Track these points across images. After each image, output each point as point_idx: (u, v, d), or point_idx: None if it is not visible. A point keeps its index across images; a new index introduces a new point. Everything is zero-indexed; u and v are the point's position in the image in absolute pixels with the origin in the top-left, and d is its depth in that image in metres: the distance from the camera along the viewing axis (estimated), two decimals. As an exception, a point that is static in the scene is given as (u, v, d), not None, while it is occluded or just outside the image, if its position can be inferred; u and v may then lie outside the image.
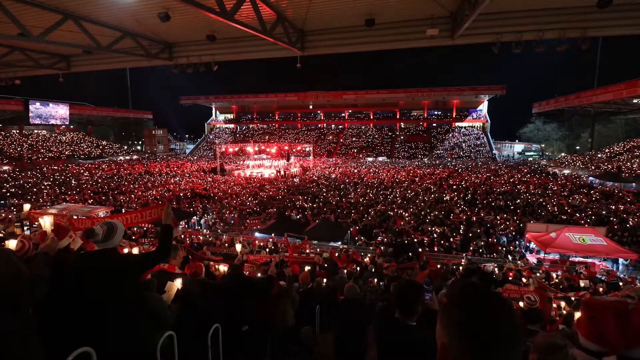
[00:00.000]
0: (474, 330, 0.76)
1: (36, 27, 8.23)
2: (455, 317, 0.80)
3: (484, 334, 0.76)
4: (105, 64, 12.62)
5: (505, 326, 0.76)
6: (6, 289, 1.48)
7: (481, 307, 0.79)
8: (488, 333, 0.76)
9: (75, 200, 18.60)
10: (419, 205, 17.12)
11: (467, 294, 0.82)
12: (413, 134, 52.75)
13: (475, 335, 0.76)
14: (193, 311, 2.68)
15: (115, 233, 2.09)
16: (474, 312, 0.78)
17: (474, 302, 0.80)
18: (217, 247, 10.77)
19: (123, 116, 58.23)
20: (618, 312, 1.05)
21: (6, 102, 39.25)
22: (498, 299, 0.81)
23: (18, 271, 1.53)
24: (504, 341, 0.76)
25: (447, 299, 0.84)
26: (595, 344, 1.08)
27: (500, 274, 7.82)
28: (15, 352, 1.49)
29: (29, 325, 1.60)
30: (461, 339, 0.78)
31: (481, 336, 0.76)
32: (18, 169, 31.67)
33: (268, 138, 55.19)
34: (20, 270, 1.55)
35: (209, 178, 29.37)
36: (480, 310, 0.78)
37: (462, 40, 9.30)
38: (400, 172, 30.24)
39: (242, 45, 10.89)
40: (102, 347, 1.79)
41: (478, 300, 0.80)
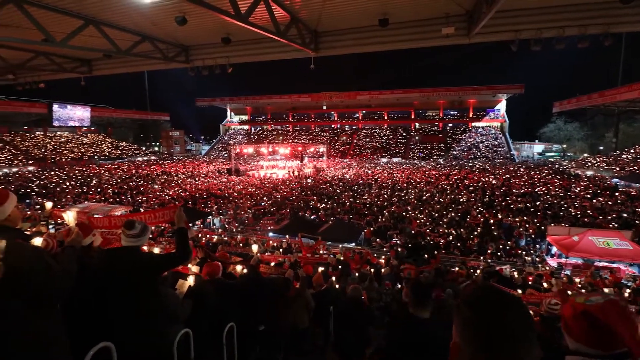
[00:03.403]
0: (484, 330, 0.78)
1: (59, 32, 8.53)
2: (466, 316, 0.82)
3: (493, 334, 0.77)
4: (125, 68, 12.97)
5: (515, 326, 0.77)
6: (37, 285, 1.54)
7: (491, 308, 0.80)
8: (498, 333, 0.77)
9: (96, 199, 19.19)
10: (435, 207, 16.90)
11: (478, 294, 0.84)
12: (428, 134, 52.06)
13: (485, 335, 0.77)
14: (206, 310, 2.74)
15: (146, 232, 2.20)
16: (484, 312, 0.80)
17: (484, 303, 0.81)
18: (231, 246, 10.91)
19: (141, 118, 59.73)
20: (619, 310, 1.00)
21: (31, 105, 40.84)
22: (509, 299, 0.82)
23: (49, 267, 1.60)
24: (514, 341, 0.76)
25: (460, 300, 0.86)
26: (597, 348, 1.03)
27: (520, 278, 7.64)
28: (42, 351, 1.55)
29: (57, 323, 1.67)
30: (472, 338, 0.79)
31: (491, 336, 0.77)
32: (42, 169, 32.89)
33: (282, 139, 55.52)
34: (51, 267, 1.62)
35: (224, 178, 29.79)
36: (490, 310, 0.80)
37: (479, 39, 9.14)
38: (415, 173, 29.91)
39: (256, 47, 11.01)
40: (123, 342, 1.85)
41: (488, 300, 0.81)
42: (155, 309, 2.13)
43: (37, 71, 13.14)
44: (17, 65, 12.30)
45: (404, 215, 15.46)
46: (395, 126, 55.24)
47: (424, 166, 37.03)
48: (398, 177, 27.56)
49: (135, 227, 2.14)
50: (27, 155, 37.93)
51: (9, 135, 40.95)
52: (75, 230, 1.98)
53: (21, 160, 36.09)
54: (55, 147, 42.31)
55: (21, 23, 7.87)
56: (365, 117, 58.13)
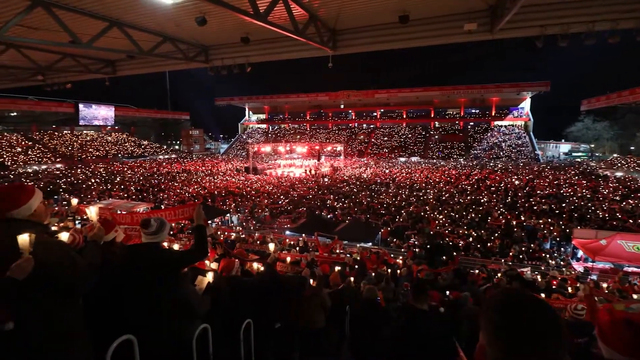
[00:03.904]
0: (512, 334, 0.77)
1: (85, 34, 8.85)
2: (494, 320, 0.81)
3: (522, 339, 0.76)
4: (147, 68, 13.32)
5: (544, 332, 0.75)
6: (62, 278, 1.61)
7: (520, 312, 0.79)
8: (526, 338, 0.76)
9: (119, 196, 19.82)
10: (454, 207, 16.59)
11: (507, 298, 0.83)
12: (448, 133, 51.07)
13: (513, 339, 0.77)
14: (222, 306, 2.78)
15: (164, 229, 2.25)
16: (513, 316, 0.79)
17: (513, 307, 0.81)
18: (249, 244, 11.05)
19: (163, 117, 61.45)
20: None
21: (59, 104, 42.66)
22: (538, 304, 0.81)
23: (73, 261, 1.67)
24: (542, 347, 0.75)
25: (487, 303, 0.86)
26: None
27: (543, 281, 7.40)
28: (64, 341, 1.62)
29: (79, 315, 1.74)
30: (499, 342, 0.79)
31: (519, 341, 0.77)
32: (69, 167, 34.26)
33: (299, 138, 55.74)
34: (75, 261, 1.68)
35: (242, 177, 30.20)
36: (519, 314, 0.79)
37: (503, 35, 8.87)
38: (435, 173, 29.43)
39: (275, 46, 11.08)
40: (144, 336, 1.90)
41: (517, 305, 0.81)
42: (174, 304, 2.18)
43: (64, 72, 13.66)
44: (45, 67, 12.84)
45: (422, 216, 15.24)
46: (414, 125, 54.47)
47: (443, 166, 36.40)
48: (416, 177, 27.21)
49: (152, 225, 2.19)
50: (55, 153, 39.60)
51: (38, 134, 42.88)
52: (97, 225, 2.05)
53: (50, 158, 37.71)
54: (81, 145, 43.99)
55: (49, 26, 8.20)
56: (383, 115, 57.62)
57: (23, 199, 1.70)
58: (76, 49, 10.79)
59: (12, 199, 1.68)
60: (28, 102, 40.03)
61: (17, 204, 1.68)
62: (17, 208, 1.67)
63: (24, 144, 39.11)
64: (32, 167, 33.62)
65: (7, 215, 1.64)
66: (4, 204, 1.65)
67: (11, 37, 8.38)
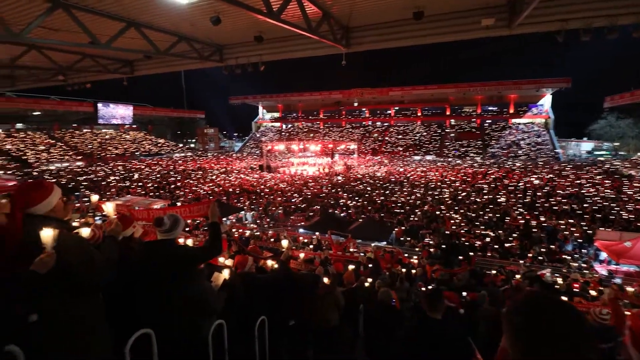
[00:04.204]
0: (536, 338, 0.75)
1: (104, 35, 9.07)
2: (517, 324, 0.80)
3: (547, 343, 0.74)
4: (164, 68, 13.56)
5: (571, 336, 0.73)
6: (80, 273, 1.65)
7: (545, 316, 0.77)
8: (552, 342, 0.74)
9: (137, 193, 20.30)
10: (471, 207, 16.31)
11: (532, 301, 0.82)
12: (464, 131, 50.13)
13: (539, 343, 0.75)
14: (237, 302, 2.81)
15: (178, 225, 2.28)
16: (537, 320, 0.77)
17: (538, 310, 0.79)
18: (263, 241, 11.14)
19: (179, 116, 62.54)
20: None
21: (79, 104, 43.92)
22: (565, 307, 0.79)
23: (91, 257, 1.71)
24: (569, 352, 0.73)
25: (510, 306, 0.84)
26: None
27: (564, 284, 7.19)
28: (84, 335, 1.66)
29: (98, 310, 1.78)
30: (523, 346, 0.78)
31: (544, 345, 0.74)
32: (89, 165, 35.28)
33: (313, 136, 55.79)
34: (93, 256, 1.73)
35: (256, 175, 30.46)
36: (544, 318, 0.77)
37: (521, 30, 8.64)
38: (450, 172, 29.00)
39: (288, 44, 11.11)
40: (160, 330, 1.94)
41: (542, 308, 0.79)
42: (190, 300, 2.21)
43: (84, 72, 14.05)
44: (66, 67, 13.22)
45: (437, 215, 15.05)
46: (429, 123, 53.72)
47: (459, 164, 35.81)
48: (432, 176, 26.88)
49: (164, 223, 2.22)
50: (76, 151, 40.84)
51: (60, 133, 44.29)
52: (115, 221, 2.09)
53: (71, 156, 38.92)
54: (101, 144, 45.24)
55: (69, 27, 8.44)
56: (397, 113, 57.03)
57: (42, 195, 1.75)
58: (95, 49, 11.07)
59: (32, 196, 1.73)
60: (50, 102, 41.35)
61: (37, 201, 1.73)
62: (36, 204, 1.72)
63: (46, 142, 40.49)
64: (54, 165, 34.78)
65: (27, 211, 1.69)
66: (24, 201, 1.70)
67: (33, 38, 8.65)
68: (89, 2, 7.80)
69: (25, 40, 8.72)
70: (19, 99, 37.32)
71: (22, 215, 1.66)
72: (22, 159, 34.73)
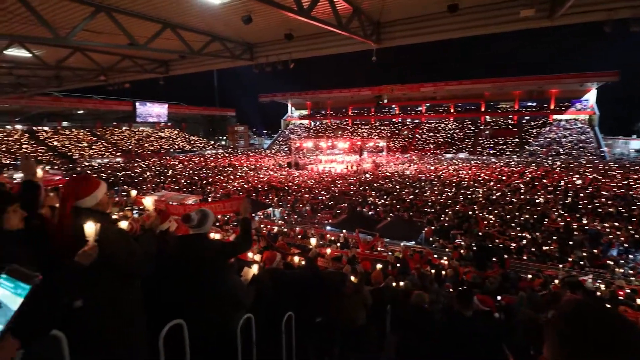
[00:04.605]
0: (585, 350, 0.71)
1: (141, 36, 9.48)
2: (562, 333, 0.76)
3: (583, 349, 0.71)
4: (197, 67, 14.00)
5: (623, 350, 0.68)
6: (122, 263, 1.76)
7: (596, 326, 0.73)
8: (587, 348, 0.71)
9: (171, 188, 21.17)
10: (506, 207, 15.67)
11: (581, 310, 0.77)
12: (500, 128, 48.07)
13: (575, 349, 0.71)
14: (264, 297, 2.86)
15: (207, 220, 2.35)
16: (587, 330, 0.73)
17: (588, 320, 0.74)
18: (290, 238, 11.28)
19: (210, 114, 64.68)
20: None
21: (119, 103, 46.36)
22: (618, 319, 0.74)
23: (131, 248, 1.81)
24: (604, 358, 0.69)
25: (555, 314, 0.80)
26: None
27: (607, 291, 6.76)
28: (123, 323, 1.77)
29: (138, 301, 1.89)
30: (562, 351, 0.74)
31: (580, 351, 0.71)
32: (128, 161, 37.22)
33: (341, 133, 55.65)
34: (133, 248, 1.83)
35: (284, 172, 30.85)
36: (582, 323, 0.73)
37: (564, 20, 8.11)
38: (484, 170, 28.00)
39: (318, 41, 11.10)
40: (192, 322, 2.02)
41: (593, 318, 0.74)
42: (221, 293, 2.28)
43: (124, 73, 14.77)
44: (107, 68, 13.98)
45: (469, 215, 14.59)
46: (463, 119, 51.99)
47: (494, 163, 34.49)
48: (464, 174, 26.09)
49: (192, 219, 2.29)
50: (116, 147, 43.22)
51: (101, 130, 47.05)
52: (154, 215, 2.19)
53: (111, 152, 41.26)
54: (138, 141, 47.58)
55: (110, 30, 8.89)
56: (429, 110, 55.67)
57: (90, 189, 1.86)
58: (133, 50, 11.60)
59: (81, 189, 1.84)
60: (93, 101, 43.93)
61: (85, 194, 1.83)
62: (84, 197, 1.83)
63: (89, 139, 43.14)
64: (96, 161, 36.99)
65: (75, 204, 1.80)
66: (74, 194, 1.82)
67: (78, 41, 9.21)
68: (128, 5, 8.19)
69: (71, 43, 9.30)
70: (64, 98, 39.98)
71: (71, 208, 1.78)
72: (68, 155, 37.21)
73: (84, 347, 1.57)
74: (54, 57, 12.35)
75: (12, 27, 8.68)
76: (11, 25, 8.52)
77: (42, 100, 37.38)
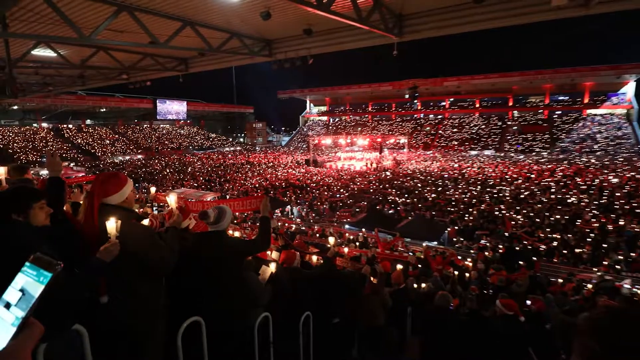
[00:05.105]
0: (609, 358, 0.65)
1: (162, 35, 9.72)
2: (593, 342, 0.68)
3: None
4: (216, 64, 14.23)
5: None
6: (147, 260, 1.81)
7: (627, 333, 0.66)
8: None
9: (190, 185, 21.67)
10: (535, 207, 15.17)
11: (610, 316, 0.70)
12: (529, 123, 46.48)
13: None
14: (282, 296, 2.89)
15: (224, 217, 2.37)
16: (616, 337, 0.67)
17: (618, 326, 0.68)
18: (308, 236, 11.32)
19: (229, 111, 65.69)
20: None
21: (140, 101, 47.79)
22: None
23: (157, 245, 1.86)
24: None
25: (587, 323, 0.72)
26: None
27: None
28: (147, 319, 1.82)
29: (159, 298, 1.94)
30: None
31: None
32: (148, 158, 38.38)
33: (361, 130, 55.32)
34: (158, 244, 1.88)
35: (302, 169, 30.98)
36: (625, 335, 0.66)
37: (601, 9, 7.71)
38: (512, 168, 27.20)
39: (337, 36, 11.04)
40: (209, 319, 2.06)
41: (624, 324, 0.68)
42: (238, 291, 2.32)
43: (145, 71, 15.20)
44: (129, 66, 14.42)
45: (495, 215, 14.22)
46: (489, 115, 50.65)
47: (523, 160, 33.44)
48: (490, 172, 25.47)
49: (209, 215, 2.31)
50: (137, 145, 44.63)
51: (123, 128, 48.69)
52: (177, 212, 2.24)
53: (132, 150, 42.64)
54: (158, 138, 48.96)
55: (132, 28, 9.17)
56: (452, 105, 54.50)
57: (118, 186, 1.90)
58: (154, 49, 11.92)
59: (109, 186, 1.88)
60: (115, 99, 45.49)
61: (113, 191, 1.88)
62: (112, 195, 1.88)
63: (111, 137, 44.73)
64: (117, 158, 38.34)
65: (102, 200, 1.85)
66: (102, 191, 1.87)
67: (101, 40, 9.54)
68: (149, 3, 8.41)
69: (94, 42, 9.64)
70: (88, 97, 41.57)
71: (99, 205, 1.83)
72: (91, 152, 38.71)
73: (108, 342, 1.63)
74: (79, 57, 12.83)
75: (38, 28, 9.08)
76: (38, 26, 8.92)
77: (67, 99, 38.97)
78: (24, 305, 0.66)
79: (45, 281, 0.69)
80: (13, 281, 0.70)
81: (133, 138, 46.72)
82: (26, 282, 0.69)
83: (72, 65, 13.14)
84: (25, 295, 0.67)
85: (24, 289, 0.68)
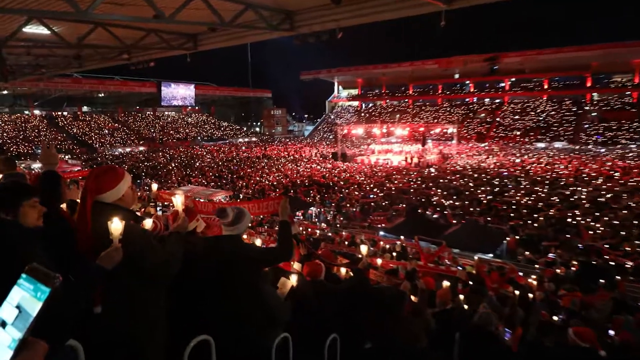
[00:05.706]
0: None
1: (168, 7, 10.00)
2: None
3: None
4: (229, 41, 14.47)
5: None
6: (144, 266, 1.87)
7: None
8: None
9: (198, 182, 22.27)
10: (619, 214, 14.57)
11: None
12: (613, 109, 44.44)
13: None
14: (306, 314, 2.90)
15: (242, 220, 2.42)
16: None
17: None
18: (335, 244, 11.34)
19: (243, 95, 66.79)
20: None
21: (142, 84, 49.59)
22: None
23: (155, 250, 1.91)
24: None
25: None
26: None
27: None
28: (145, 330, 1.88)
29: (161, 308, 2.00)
30: None
31: None
32: (151, 150, 39.81)
33: (399, 117, 54.74)
34: (157, 250, 1.93)
35: (329, 164, 31.08)
36: None
37: None
38: (590, 164, 26.24)
39: (372, 4, 10.91)
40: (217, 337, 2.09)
41: None
42: (253, 306, 2.35)
43: (149, 50, 15.71)
44: (131, 45, 14.95)
45: (567, 223, 13.78)
46: (560, 98, 48.89)
47: (604, 154, 32.18)
48: (561, 169, 24.85)
49: (227, 214, 2.34)
50: (139, 135, 46.39)
51: (123, 116, 50.69)
52: (182, 216, 2.28)
53: (133, 141, 44.38)
54: (162, 127, 50.65)
55: (135, 1, 9.49)
56: (514, 86, 52.92)
57: (113, 182, 1.95)
58: (159, 24, 12.29)
59: (103, 182, 1.93)
60: (114, 82, 47.43)
61: (107, 188, 1.93)
62: (106, 191, 1.93)
63: (110, 126, 46.73)
64: (117, 150, 40.00)
65: (95, 198, 1.90)
66: (96, 187, 1.92)
67: (99, 14, 9.93)
68: (153, -29, 8.67)
69: (92, 17, 10.04)
70: (85, 79, 43.61)
71: (92, 203, 1.88)
72: (88, 143, 40.61)
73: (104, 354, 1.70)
74: (75, 34, 13.43)
75: (30, 2, 9.56)
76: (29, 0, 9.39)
77: (62, 82, 41.03)
78: (21, 325, 0.69)
79: (43, 297, 0.71)
80: (8, 296, 0.73)
81: (134, 127, 48.62)
82: (22, 297, 0.72)
83: (67, 44, 13.76)
84: (22, 314, 0.70)
85: (20, 306, 0.71)
